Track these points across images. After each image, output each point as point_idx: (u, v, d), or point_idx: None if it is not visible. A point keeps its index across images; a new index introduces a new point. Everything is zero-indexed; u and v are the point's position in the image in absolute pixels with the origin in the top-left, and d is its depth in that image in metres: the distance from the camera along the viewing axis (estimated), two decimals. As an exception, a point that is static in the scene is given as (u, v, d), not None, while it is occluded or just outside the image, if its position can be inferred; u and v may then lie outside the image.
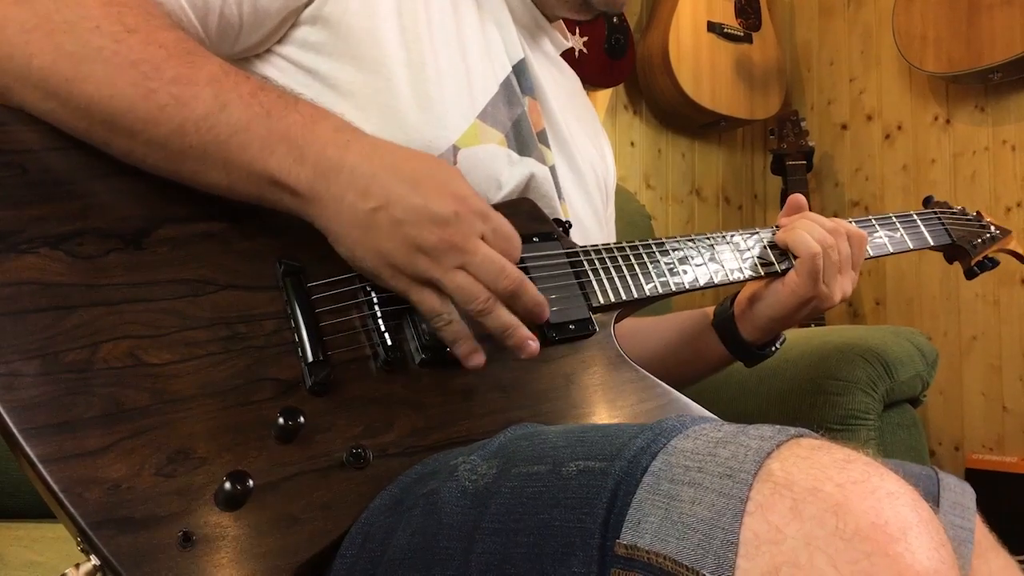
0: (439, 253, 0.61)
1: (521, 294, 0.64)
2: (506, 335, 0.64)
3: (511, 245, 0.64)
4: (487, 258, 0.62)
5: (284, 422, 0.57)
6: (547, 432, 0.58)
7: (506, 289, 0.62)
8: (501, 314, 0.63)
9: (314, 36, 0.73)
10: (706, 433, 0.48)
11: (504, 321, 0.63)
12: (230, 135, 0.59)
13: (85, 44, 0.58)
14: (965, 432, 2.30)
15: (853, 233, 0.88)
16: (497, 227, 0.64)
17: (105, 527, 0.50)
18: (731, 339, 0.91)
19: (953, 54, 2.19)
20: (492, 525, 0.51)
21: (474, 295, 0.61)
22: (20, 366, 0.52)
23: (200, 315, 0.59)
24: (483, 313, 0.62)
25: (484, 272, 0.62)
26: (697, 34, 2.39)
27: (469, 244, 0.61)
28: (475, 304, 0.62)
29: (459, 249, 0.61)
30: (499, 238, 0.63)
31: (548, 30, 0.93)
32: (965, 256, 1.11)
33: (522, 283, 0.63)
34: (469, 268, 0.61)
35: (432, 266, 0.61)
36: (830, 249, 0.85)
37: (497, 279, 0.62)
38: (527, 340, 0.64)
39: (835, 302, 0.87)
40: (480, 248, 0.62)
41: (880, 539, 0.40)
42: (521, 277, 0.63)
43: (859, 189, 2.59)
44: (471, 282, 0.61)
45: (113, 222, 0.59)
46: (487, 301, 0.62)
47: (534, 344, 0.64)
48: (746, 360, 0.93)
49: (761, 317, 0.89)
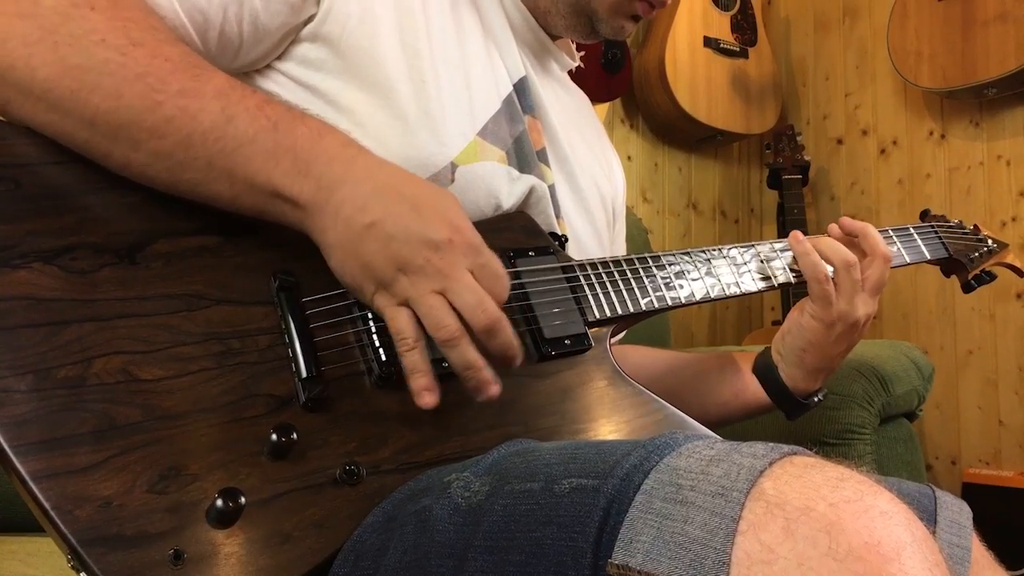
0: (422, 274, 0.60)
1: (496, 332, 0.61)
2: (467, 374, 0.61)
3: (498, 285, 0.62)
4: (468, 288, 0.60)
5: (277, 438, 0.56)
6: (541, 449, 0.58)
7: (482, 323, 0.60)
8: (466, 350, 0.60)
9: (314, 53, 0.74)
10: (699, 451, 0.48)
11: (468, 358, 0.60)
12: (236, 147, 0.59)
13: (91, 56, 0.58)
14: (962, 446, 2.30)
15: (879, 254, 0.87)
16: (487, 263, 0.62)
17: (96, 544, 0.50)
18: (773, 385, 0.89)
19: (948, 70, 2.21)
20: (485, 543, 0.51)
21: (443, 322, 0.59)
22: (12, 382, 0.52)
23: (193, 330, 0.58)
24: (449, 344, 0.60)
25: (463, 302, 0.60)
26: (693, 49, 2.40)
27: (453, 272, 0.60)
28: (442, 332, 0.59)
29: (443, 275, 0.60)
30: (487, 274, 0.62)
31: (552, 49, 0.93)
32: (962, 270, 1.10)
33: (500, 321, 0.61)
34: (448, 295, 0.60)
35: (411, 286, 0.60)
36: (850, 268, 0.84)
37: (475, 311, 0.60)
38: (489, 384, 0.61)
39: (859, 319, 0.85)
40: (463, 278, 0.60)
41: (873, 560, 0.40)
42: (500, 316, 0.61)
43: (855, 203, 2.59)
44: (444, 308, 0.60)
45: (107, 237, 0.59)
46: (455, 332, 0.60)
47: (496, 388, 0.61)
48: (787, 409, 0.91)
49: (793, 350, 0.87)
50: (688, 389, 0.95)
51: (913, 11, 2.28)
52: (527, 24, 0.89)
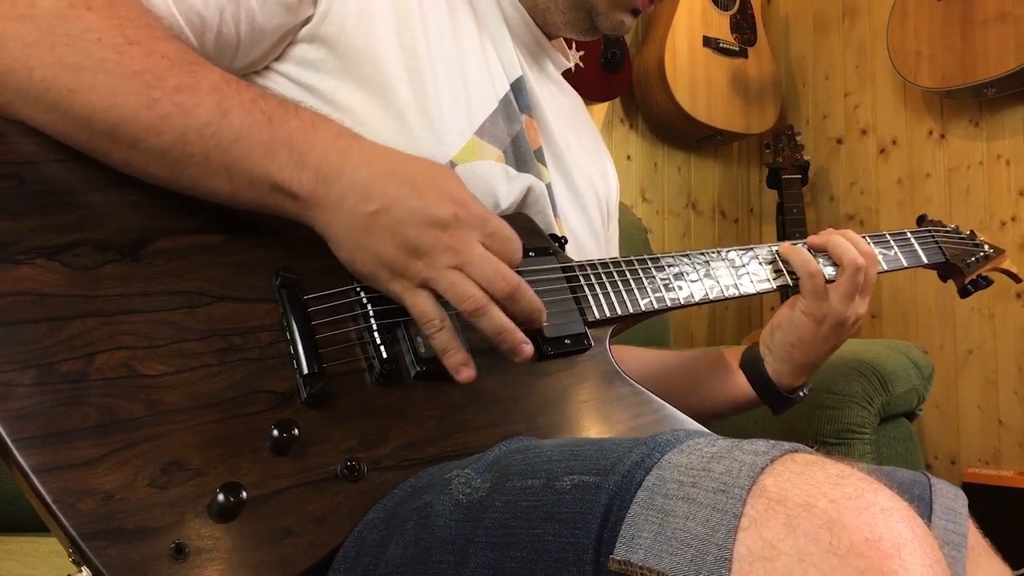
0: (436, 254, 0.60)
1: (519, 297, 0.62)
2: (500, 338, 0.62)
3: (511, 248, 0.63)
4: (484, 259, 0.61)
5: (278, 434, 0.57)
6: (542, 446, 0.58)
7: (503, 291, 0.61)
8: (495, 315, 0.62)
9: (312, 54, 0.74)
10: (700, 448, 0.48)
11: (499, 323, 0.62)
12: (232, 142, 0.59)
13: (87, 56, 0.58)
14: (961, 446, 2.30)
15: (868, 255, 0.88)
16: (496, 231, 0.63)
17: (97, 538, 0.50)
18: (759, 379, 0.90)
19: (947, 69, 2.21)
20: (486, 539, 0.51)
21: (467, 294, 0.60)
22: (15, 376, 0.52)
23: (195, 327, 0.59)
24: (477, 313, 0.61)
25: (480, 273, 0.61)
26: (693, 49, 2.41)
27: (466, 246, 0.61)
28: (468, 303, 0.61)
29: (455, 251, 0.60)
30: (498, 241, 0.63)
31: (548, 49, 0.93)
32: (959, 274, 1.11)
33: (520, 286, 0.62)
34: (465, 269, 0.61)
35: (427, 267, 0.60)
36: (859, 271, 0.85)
37: (493, 280, 0.61)
38: (522, 344, 0.63)
39: (848, 317, 0.86)
40: (476, 250, 0.61)
41: (874, 555, 0.40)
42: (518, 280, 0.62)
43: (854, 203, 2.60)
44: (465, 281, 0.61)
45: (110, 234, 0.59)
46: (481, 300, 0.61)
47: (528, 348, 0.63)
48: (773, 403, 0.92)
49: (782, 346, 0.88)
50: (677, 389, 0.95)
51: (913, 11, 2.29)
52: (524, 23, 0.89)
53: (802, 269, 0.86)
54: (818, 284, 0.85)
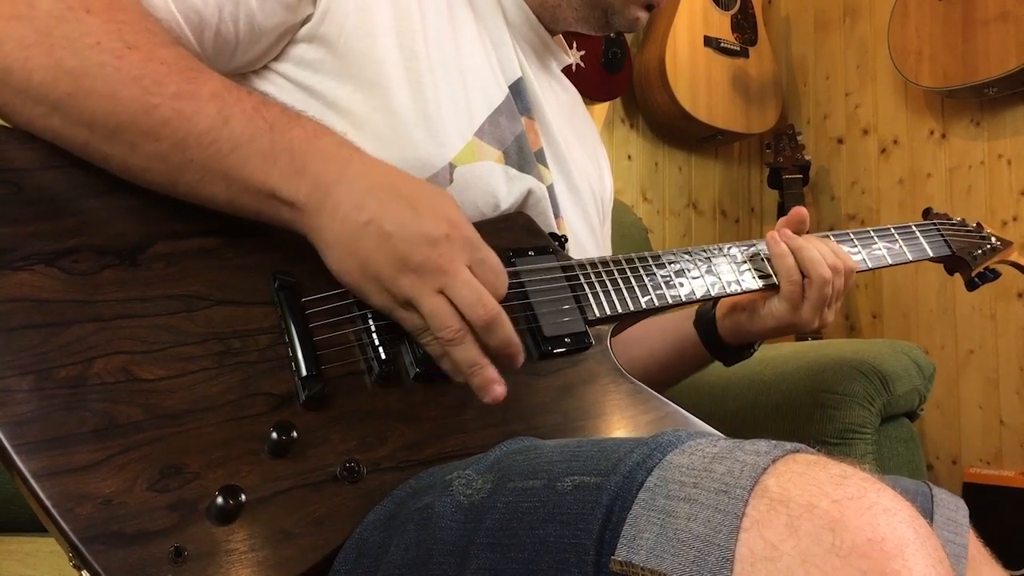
0: (423, 272, 0.60)
1: (495, 328, 0.61)
2: (471, 371, 0.60)
3: (497, 280, 0.62)
4: (467, 284, 0.60)
5: (277, 436, 0.57)
6: (542, 446, 0.57)
7: (480, 319, 0.60)
8: (468, 348, 0.60)
9: (311, 54, 0.74)
10: (702, 448, 0.48)
11: (470, 356, 0.60)
12: (232, 149, 0.59)
13: (86, 60, 0.58)
14: (963, 446, 2.30)
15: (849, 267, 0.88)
16: (485, 258, 0.62)
17: (97, 542, 0.50)
18: (711, 339, 0.94)
19: (948, 69, 2.21)
20: (487, 540, 0.51)
21: (445, 323, 0.59)
22: (14, 382, 0.52)
23: (194, 330, 0.58)
24: (452, 343, 0.60)
25: (461, 298, 0.60)
26: (694, 48, 2.40)
27: (452, 267, 0.60)
28: (445, 332, 0.59)
29: (442, 271, 0.60)
30: (485, 269, 0.62)
31: (551, 46, 0.93)
32: (965, 268, 1.10)
33: (498, 317, 0.60)
34: (448, 292, 0.60)
35: (412, 286, 0.60)
36: (824, 285, 0.85)
37: (473, 307, 0.60)
38: (492, 383, 0.61)
39: (814, 329, 0.88)
40: (461, 273, 0.60)
41: (877, 556, 0.40)
42: (498, 311, 0.61)
43: (855, 202, 2.59)
44: (445, 307, 0.60)
45: (108, 239, 0.59)
46: (457, 332, 0.60)
47: (500, 389, 0.61)
48: (724, 360, 0.96)
49: (739, 328, 0.92)
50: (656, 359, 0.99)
51: (914, 10, 2.29)
52: (527, 22, 0.89)
53: (784, 276, 0.86)
54: (796, 295, 0.86)
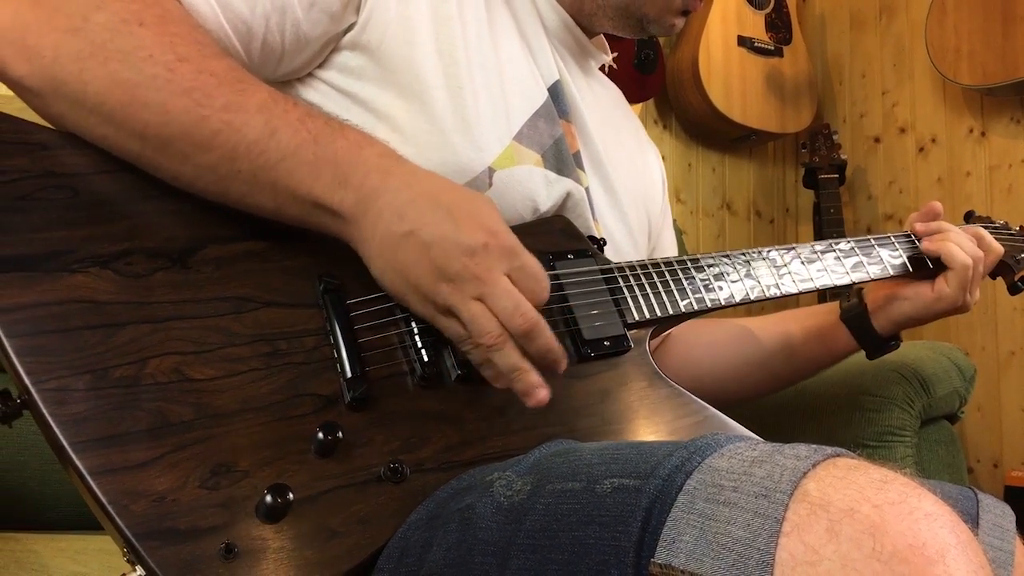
0: (461, 281, 0.60)
1: (535, 336, 0.61)
2: (513, 377, 0.61)
3: (537, 286, 0.63)
4: (506, 293, 0.61)
5: (323, 437, 0.58)
6: (582, 449, 0.58)
7: (519, 327, 0.61)
8: (510, 354, 0.61)
9: (354, 61, 0.75)
10: (741, 452, 0.48)
11: (511, 362, 0.61)
12: (279, 160, 0.60)
13: (139, 72, 0.59)
14: (1004, 449, 2.26)
15: (994, 248, 0.97)
16: (524, 265, 0.63)
17: (150, 538, 0.51)
18: (863, 332, 0.98)
19: (988, 66, 2.17)
20: (527, 541, 0.51)
21: (485, 329, 0.60)
22: (70, 381, 0.54)
23: (243, 332, 0.60)
24: (492, 349, 0.61)
25: (500, 307, 0.60)
26: (727, 48, 2.39)
27: (491, 276, 0.61)
28: (485, 339, 0.60)
29: (480, 280, 0.60)
30: (525, 276, 0.62)
31: (589, 48, 0.94)
32: (1008, 271, 1.09)
33: (537, 325, 0.61)
34: (487, 300, 0.61)
35: (451, 293, 0.61)
36: (979, 262, 0.93)
37: (512, 316, 0.60)
38: (535, 387, 0.62)
39: (970, 308, 0.95)
40: (500, 282, 0.61)
41: (918, 561, 0.40)
42: (538, 319, 0.61)
43: (893, 202, 2.56)
44: (486, 315, 0.61)
45: (160, 242, 0.60)
46: (498, 337, 0.60)
47: (543, 392, 0.62)
48: (873, 351, 1.00)
49: (900, 315, 0.96)
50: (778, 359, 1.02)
51: (952, 7, 2.25)
52: (564, 25, 0.89)
53: (959, 262, 0.92)
54: (967, 278, 0.92)
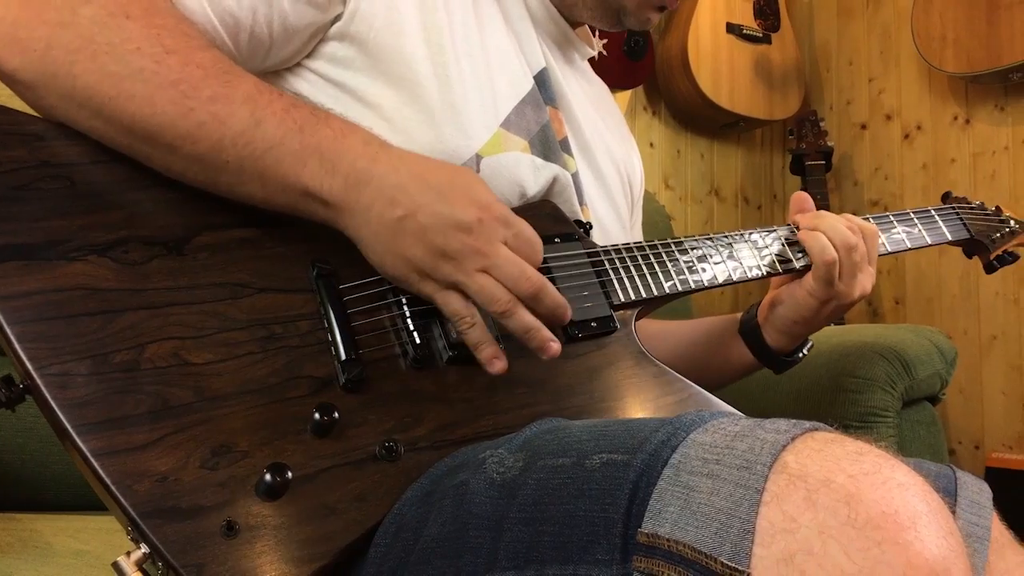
0: (463, 257, 0.63)
1: (542, 296, 0.65)
2: (528, 336, 0.66)
3: (533, 249, 0.66)
4: (509, 261, 0.64)
5: (319, 417, 0.59)
6: (571, 426, 0.60)
7: (527, 291, 0.64)
8: (523, 316, 0.65)
9: (342, 51, 0.76)
10: (724, 427, 0.50)
11: (525, 323, 0.65)
12: (265, 150, 0.62)
13: (127, 65, 0.60)
14: (985, 431, 2.30)
15: (867, 229, 0.89)
16: (519, 232, 0.66)
17: (154, 517, 0.53)
18: (757, 346, 0.92)
19: (972, 54, 2.19)
20: (520, 515, 0.53)
21: (496, 297, 0.64)
22: (73, 366, 0.55)
23: (239, 317, 0.61)
24: (505, 315, 0.64)
25: (506, 275, 0.64)
26: (716, 35, 2.40)
27: (491, 248, 0.64)
28: (497, 306, 0.64)
29: (482, 253, 0.63)
30: (521, 243, 0.66)
31: (574, 39, 0.95)
32: (984, 251, 1.11)
33: (543, 286, 0.65)
34: (491, 271, 0.64)
35: (456, 270, 0.63)
36: (851, 250, 0.85)
37: (518, 281, 0.64)
38: (548, 342, 0.66)
39: (855, 299, 0.87)
40: (501, 252, 0.64)
41: (890, 527, 0.42)
42: (542, 280, 0.65)
43: (878, 188, 2.59)
44: (493, 284, 0.64)
45: (156, 230, 0.62)
46: (508, 303, 0.64)
47: (556, 345, 0.66)
48: (773, 367, 0.94)
49: (783, 320, 0.90)
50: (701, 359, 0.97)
51: (937, -6, 2.27)
52: (548, 15, 0.91)
53: (818, 257, 0.85)
54: (832, 272, 0.85)
